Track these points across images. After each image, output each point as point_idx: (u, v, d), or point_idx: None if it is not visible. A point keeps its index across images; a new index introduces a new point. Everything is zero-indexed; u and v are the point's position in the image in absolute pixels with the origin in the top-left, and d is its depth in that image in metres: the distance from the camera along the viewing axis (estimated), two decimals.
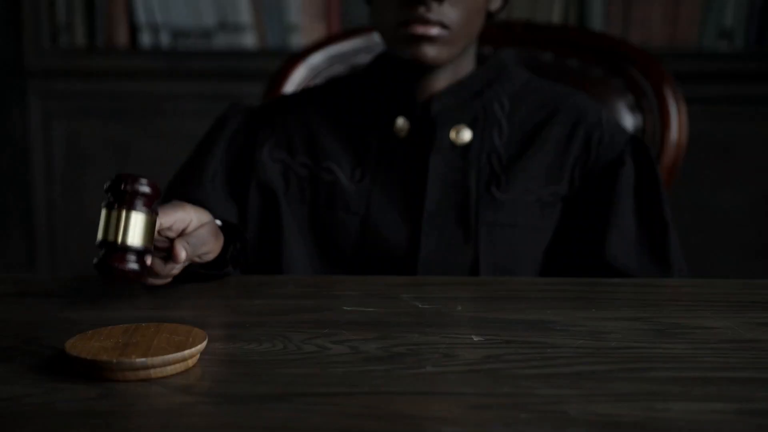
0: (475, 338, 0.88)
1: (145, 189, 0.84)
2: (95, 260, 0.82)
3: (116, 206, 0.83)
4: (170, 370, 0.78)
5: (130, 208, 0.82)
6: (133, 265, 0.82)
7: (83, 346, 0.80)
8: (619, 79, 1.50)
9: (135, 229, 0.83)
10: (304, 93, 1.37)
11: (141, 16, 2.47)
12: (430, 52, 1.21)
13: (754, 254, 2.37)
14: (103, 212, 0.84)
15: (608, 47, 1.54)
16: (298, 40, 2.44)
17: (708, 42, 2.39)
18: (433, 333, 0.90)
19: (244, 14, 2.46)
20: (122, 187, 0.83)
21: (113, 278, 0.82)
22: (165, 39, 2.48)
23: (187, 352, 0.79)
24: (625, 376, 0.77)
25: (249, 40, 2.47)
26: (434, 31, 1.19)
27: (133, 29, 2.49)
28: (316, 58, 1.58)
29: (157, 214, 0.89)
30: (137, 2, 2.46)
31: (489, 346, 0.86)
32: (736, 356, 0.83)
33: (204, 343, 0.81)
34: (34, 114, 2.53)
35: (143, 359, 0.77)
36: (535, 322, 0.93)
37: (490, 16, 1.30)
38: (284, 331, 0.90)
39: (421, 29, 1.19)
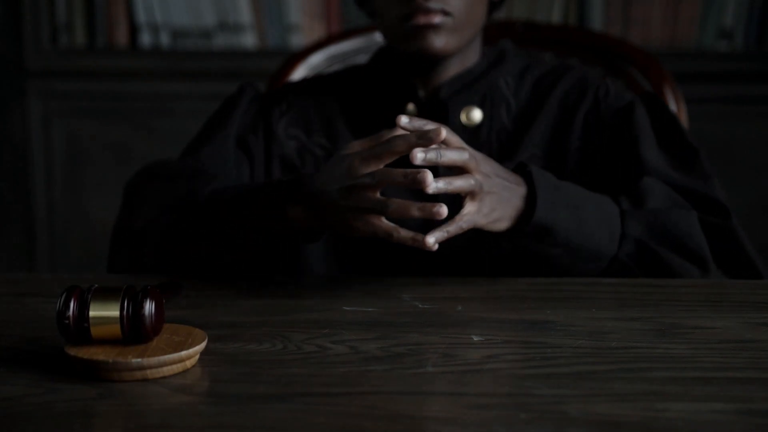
0: (475, 338, 0.88)
1: None
2: None
3: None
4: (167, 370, 0.78)
5: None
6: None
7: (83, 345, 0.80)
8: (619, 79, 1.50)
9: None
10: (317, 79, 1.38)
11: (141, 16, 2.47)
12: (437, 42, 1.20)
13: None
14: None
15: (608, 47, 1.54)
16: (298, 40, 2.44)
17: (708, 42, 2.39)
18: (433, 333, 0.90)
19: (244, 14, 2.46)
20: None
21: None
22: (165, 39, 2.48)
23: (184, 353, 0.79)
24: (625, 376, 0.77)
25: (249, 40, 2.47)
26: (437, 19, 1.18)
27: (133, 29, 2.49)
28: (316, 58, 1.58)
29: None
30: (137, 2, 2.46)
31: (489, 346, 0.86)
32: (736, 356, 0.83)
33: (203, 344, 0.81)
34: (34, 114, 2.53)
35: (139, 359, 0.77)
36: (535, 322, 0.93)
37: (493, 6, 1.30)
38: (284, 331, 0.90)
39: (423, 19, 1.18)
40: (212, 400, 0.74)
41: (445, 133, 0.94)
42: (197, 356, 0.81)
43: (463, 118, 1.26)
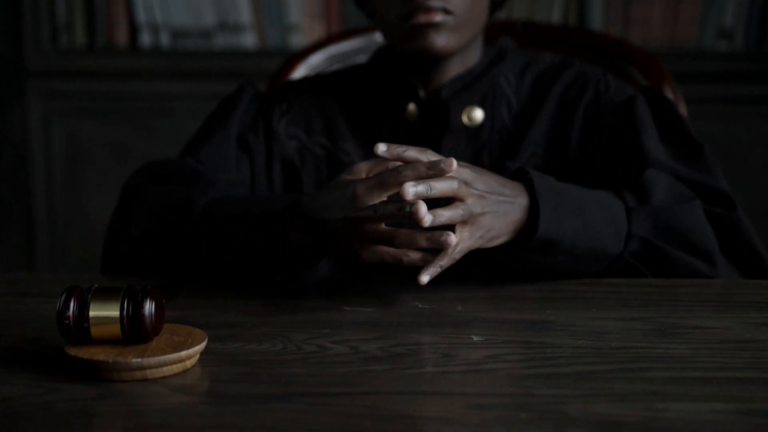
0: (475, 338, 0.88)
1: None
2: None
3: None
4: (167, 370, 0.78)
5: None
6: None
7: (83, 345, 0.80)
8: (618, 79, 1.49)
9: None
10: (317, 78, 1.37)
11: (141, 16, 2.47)
12: (439, 41, 1.19)
13: None
14: None
15: (608, 47, 1.54)
16: (298, 40, 2.44)
17: (708, 42, 2.39)
18: (433, 333, 0.90)
19: (244, 14, 2.46)
20: None
21: None
22: (165, 39, 2.48)
23: (184, 353, 0.79)
24: (625, 376, 0.77)
25: (249, 40, 2.47)
26: (438, 17, 1.17)
27: (133, 29, 2.49)
28: (316, 58, 1.58)
29: None
30: (137, 2, 2.46)
31: (489, 346, 0.86)
32: (736, 356, 0.83)
33: (203, 344, 0.81)
34: (34, 114, 2.53)
35: (139, 359, 0.77)
36: (535, 322, 0.93)
37: (494, 6, 1.30)
38: (284, 331, 0.90)
39: (423, 17, 1.17)
40: (212, 400, 0.74)
41: (455, 164, 0.94)
42: (197, 356, 0.81)
43: (464, 119, 1.25)
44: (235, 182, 1.24)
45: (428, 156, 0.96)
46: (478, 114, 1.25)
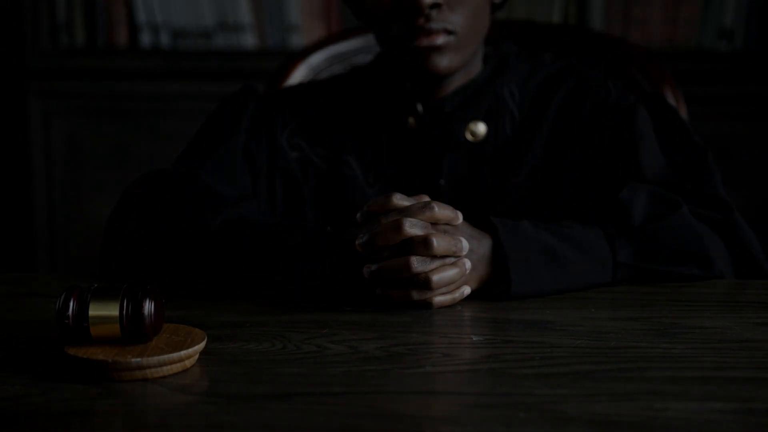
0: (475, 338, 0.88)
1: None
2: None
3: None
4: (166, 370, 0.78)
5: None
6: None
7: (83, 345, 0.80)
8: (619, 80, 1.49)
9: None
10: (318, 85, 1.35)
11: (141, 16, 2.47)
12: (442, 62, 1.16)
13: None
14: None
15: (608, 47, 1.54)
16: (298, 40, 2.44)
17: (708, 42, 2.38)
18: (433, 333, 0.90)
19: (244, 14, 2.46)
20: None
21: None
22: (165, 39, 2.48)
23: (183, 352, 0.79)
24: (624, 376, 0.77)
25: (249, 40, 2.47)
26: (440, 40, 1.14)
27: (133, 29, 2.49)
28: (316, 58, 1.58)
29: None
30: (137, 2, 2.46)
31: (489, 346, 0.86)
32: (736, 356, 0.83)
33: (202, 344, 0.81)
34: (34, 114, 2.53)
35: (138, 359, 0.77)
36: (534, 322, 0.93)
37: (494, 9, 1.27)
38: (284, 331, 0.90)
39: (425, 41, 1.14)
40: (212, 400, 0.74)
41: (460, 218, 0.98)
42: (197, 356, 0.81)
43: (467, 134, 1.24)
44: (241, 195, 1.21)
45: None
46: (482, 128, 1.23)
